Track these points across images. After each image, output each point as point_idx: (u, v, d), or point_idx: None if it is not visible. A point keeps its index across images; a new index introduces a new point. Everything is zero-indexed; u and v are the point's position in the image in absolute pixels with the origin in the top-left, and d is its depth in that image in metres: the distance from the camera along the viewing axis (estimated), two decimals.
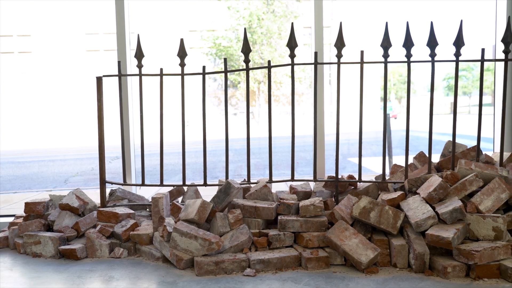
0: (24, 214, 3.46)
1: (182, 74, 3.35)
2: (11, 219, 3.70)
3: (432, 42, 3.07)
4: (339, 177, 3.29)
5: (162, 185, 3.44)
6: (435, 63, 3.07)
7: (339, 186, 3.24)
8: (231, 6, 24.79)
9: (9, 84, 31.63)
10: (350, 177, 3.33)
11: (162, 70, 3.39)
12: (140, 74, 3.35)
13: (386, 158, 3.17)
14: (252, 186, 3.32)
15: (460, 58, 3.05)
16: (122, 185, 3.51)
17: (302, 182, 3.42)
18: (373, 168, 8.16)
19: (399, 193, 2.89)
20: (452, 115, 3.01)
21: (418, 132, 19.80)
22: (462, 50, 3.08)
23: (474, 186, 2.73)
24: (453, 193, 2.72)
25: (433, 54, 3.08)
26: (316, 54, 3.23)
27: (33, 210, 3.25)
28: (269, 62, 3.21)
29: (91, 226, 3.13)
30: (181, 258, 2.61)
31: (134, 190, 4.02)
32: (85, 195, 3.37)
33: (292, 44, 3.17)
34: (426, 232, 2.49)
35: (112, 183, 3.50)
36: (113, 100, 3.82)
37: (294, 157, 3.25)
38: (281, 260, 2.62)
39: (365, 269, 2.53)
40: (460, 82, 38.40)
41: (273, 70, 24.84)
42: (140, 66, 3.36)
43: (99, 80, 3.37)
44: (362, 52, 3.12)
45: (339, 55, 3.15)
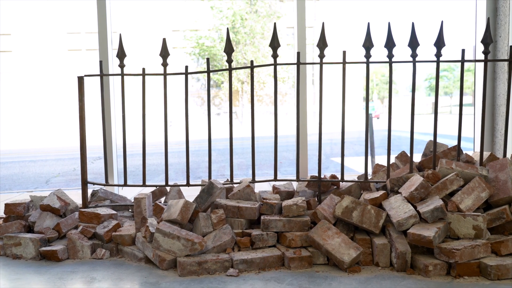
0: (4, 216, 3.42)
1: (165, 74, 3.33)
2: None
3: (413, 43, 3.10)
4: (322, 176, 3.30)
5: (144, 185, 3.42)
6: (417, 64, 3.10)
7: (322, 186, 3.26)
8: (214, 6, 24.74)
9: None
10: (333, 176, 3.34)
11: (144, 70, 3.37)
12: (122, 74, 3.33)
13: (369, 157, 3.20)
14: (235, 186, 3.32)
15: (441, 59, 3.09)
16: (104, 185, 3.48)
17: (285, 182, 3.43)
18: (355, 167, 8.21)
19: (381, 192, 2.92)
20: (433, 115, 3.05)
21: (400, 131, 19.98)
22: (444, 51, 3.12)
23: (455, 185, 2.77)
24: (434, 192, 2.75)
25: (414, 55, 3.11)
26: (298, 54, 3.24)
27: (13, 211, 3.21)
28: (251, 62, 3.21)
29: (73, 227, 3.10)
30: (163, 259, 2.60)
31: (116, 190, 4.00)
32: (66, 196, 3.33)
33: (274, 44, 3.18)
34: (408, 231, 2.51)
35: (94, 184, 3.47)
36: (95, 99, 3.79)
37: (277, 157, 3.26)
38: (264, 260, 2.62)
39: (347, 268, 2.54)
40: (441, 83, 38.82)
41: (256, 70, 24.85)
42: (122, 65, 3.33)
43: (81, 79, 3.34)
44: (344, 52, 3.14)
45: (322, 55, 3.17)
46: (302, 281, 2.44)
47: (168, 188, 3.59)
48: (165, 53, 3.31)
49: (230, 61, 3.24)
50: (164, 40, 3.34)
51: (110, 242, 2.94)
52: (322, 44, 3.15)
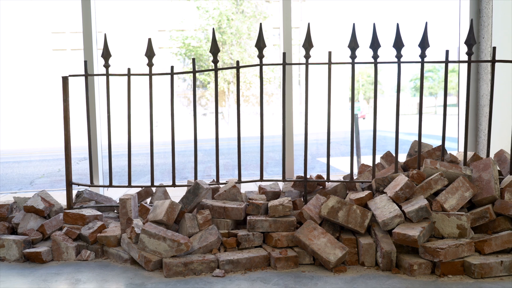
0: None
1: (150, 74, 3.32)
2: None
3: (398, 44, 3.12)
4: (308, 177, 3.31)
5: (130, 186, 3.40)
6: (402, 64, 3.12)
7: (308, 186, 3.27)
8: (200, 6, 24.68)
9: None
10: (319, 177, 3.36)
11: (129, 70, 3.36)
12: (107, 74, 3.31)
13: (354, 158, 3.22)
14: (221, 186, 3.31)
15: (425, 60, 3.11)
16: (89, 186, 3.45)
17: (271, 182, 3.44)
18: (341, 167, 8.24)
19: (367, 192, 2.93)
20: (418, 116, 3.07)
21: (386, 132, 20.10)
22: (428, 52, 3.15)
23: (439, 185, 2.79)
24: (419, 192, 2.78)
25: (399, 55, 3.13)
26: (284, 54, 3.25)
27: None
28: (237, 62, 3.21)
29: (57, 228, 3.07)
30: (149, 260, 2.59)
31: (101, 191, 3.97)
32: (51, 197, 3.30)
33: (260, 44, 3.18)
34: (393, 230, 2.53)
35: (78, 185, 3.44)
36: (80, 100, 3.76)
37: (263, 157, 3.26)
38: (250, 260, 2.62)
39: (333, 268, 2.55)
40: (426, 83, 39.14)
41: (242, 70, 24.86)
42: (107, 65, 3.31)
43: (65, 80, 3.31)
44: (330, 53, 3.15)
45: (307, 56, 3.18)
46: (288, 281, 2.44)
47: (154, 188, 3.57)
48: (150, 53, 3.29)
49: (216, 61, 3.23)
50: (149, 40, 3.32)
51: (95, 244, 2.92)
52: (308, 44, 3.16)
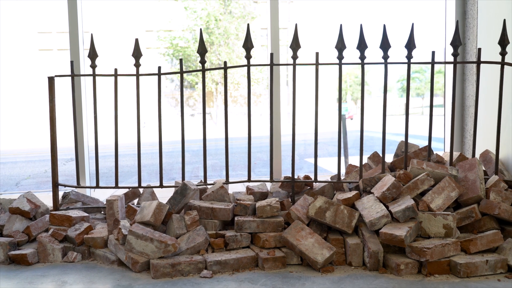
0: None
1: (137, 75, 3.31)
2: None
3: (385, 45, 3.14)
4: (296, 177, 3.32)
5: (117, 187, 3.39)
6: (389, 65, 3.14)
7: (296, 187, 3.27)
8: (188, 6, 24.63)
9: None
10: (306, 177, 3.36)
11: (116, 70, 3.34)
12: (93, 75, 3.29)
13: (342, 158, 3.23)
14: (209, 187, 3.31)
15: (412, 60, 3.14)
16: (76, 187, 3.43)
17: (259, 183, 3.44)
18: (329, 168, 8.27)
19: (354, 192, 2.95)
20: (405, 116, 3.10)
21: (373, 132, 20.19)
22: (415, 52, 3.17)
23: (426, 185, 2.81)
24: (405, 192, 2.79)
25: (386, 56, 3.15)
26: (272, 55, 3.25)
27: None
28: (225, 63, 3.21)
29: (43, 230, 3.05)
30: (136, 261, 2.58)
31: (88, 192, 3.94)
32: (36, 198, 3.28)
33: (248, 45, 3.18)
34: (380, 230, 2.55)
35: (65, 186, 3.41)
36: (67, 100, 3.73)
37: (251, 158, 3.26)
38: (238, 261, 2.62)
39: (321, 268, 2.56)
40: (413, 84, 39.38)
41: (230, 71, 24.85)
42: (93, 66, 3.29)
43: (51, 80, 3.28)
44: (317, 53, 3.16)
45: (295, 57, 3.18)
46: (276, 281, 2.44)
47: (141, 189, 3.56)
48: (137, 53, 3.28)
49: (203, 62, 3.23)
50: (136, 40, 3.31)
51: (82, 245, 2.90)
52: (295, 45, 3.17)
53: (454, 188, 2.80)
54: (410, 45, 3.13)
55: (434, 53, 3.14)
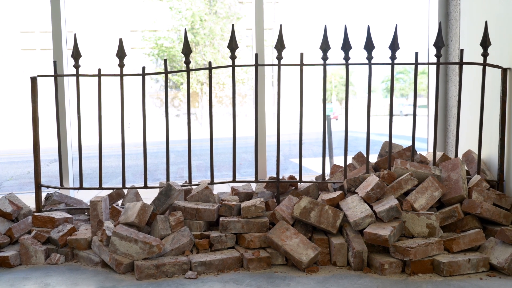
0: None
1: (121, 75, 3.29)
2: None
3: (369, 45, 3.16)
4: (281, 177, 3.32)
5: (101, 188, 3.36)
6: (373, 66, 3.16)
7: (280, 187, 3.28)
8: (173, 6, 24.54)
9: None
10: (291, 177, 3.37)
11: (100, 70, 3.32)
12: (77, 75, 3.26)
13: (327, 158, 3.24)
14: (193, 188, 3.30)
15: (395, 61, 3.16)
16: (59, 188, 3.40)
17: (244, 183, 3.44)
18: (314, 168, 8.30)
19: (339, 193, 2.96)
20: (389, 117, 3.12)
21: (358, 132, 20.29)
22: (399, 53, 3.20)
23: (410, 185, 2.83)
24: (389, 192, 2.81)
25: (370, 57, 3.17)
26: (256, 56, 3.25)
27: None
28: (209, 63, 3.20)
29: (26, 232, 3.01)
30: (120, 263, 2.56)
31: (72, 193, 3.91)
32: (19, 200, 3.24)
33: (233, 45, 3.18)
34: (364, 230, 2.56)
35: (48, 187, 3.38)
36: (50, 101, 3.70)
37: (236, 158, 3.26)
38: (222, 261, 2.62)
39: (306, 268, 2.57)
40: (397, 85, 39.66)
41: (216, 71, 24.81)
42: (77, 66, 3.27)
43: (34, 80, 3.25)
44: (302, 54, 3.17)
45: (280, 57, 3.19)
46: (261, 282, 2.44)
47: (125, 190, 3.53)
48: (121, 53, 3.26)
49: (188, 62, 3.22)
50: (120, 40, 3.29)
51: (65, 247, 2.87)
52: (280, 46, 3.17)
53: (437, 188, 2.82)
54: (394, 46, 3.15)
55: (417, 54, 3.16)
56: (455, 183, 2.90)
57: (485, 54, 3.18)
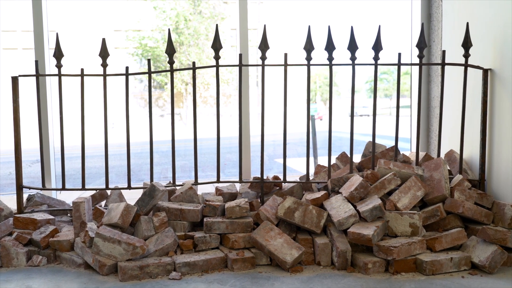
0: None
1: (104, 75, 3.26)
2: None
3: (352, 46, 3.18)
4: (265, 178, 3.33)
5: (84, 189, 3.33)
6: (356, 66, 3.18)
7: (265, 187, 3.28)
8: (157, 6, 24.43)
9: None
10: (275, 178, 3.37)
11: (83, 70, 3.29)
12: (59, 74, 3.23)
13: (311, 158, 3.26)
14: (177, 188, 3.29)
15: (379, 62, 3.18)
16: (41, 189, 3.36)
17: (228, 184, 3.43)
18: (298, 168, 8.32)
19: (323, 192, 2.97)
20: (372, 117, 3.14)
21: (342, 133, 20.40)
22: (383, 54, 3.22)
23: (393, 184, 2.86)
24: (373, 191, 2.83)
25: (353, 58, 3.19)
26: (240, 56, 3.25)
27: None
28: (193, 63, 3.19)
29: (7, 233, 2.97)
30: (104, 264, 2.54)
31: (54, 194, 3.87)
32: (0, 201, 3.19)
33: (217, 46, 3.17)
34: (348, 230, 2.57)
35: (30, 188, 3.34)
36: (32, 101, 3.65)
37: (220, 158, 3.25)
38: (207, 262, 2.61)
39: (290, 268, 2.57)
40: (381, 85, 39.95)
41: (200, 71, 24.75)
42: (59, 66, 3.23)
43: (15, 80, 3.21)
44: (285, 54, 3.18)
45: (264, 57, 3.19)
46: (245, 282, 2.44)
47: (108, 191, 3.51)
48: (104, 53, 3.23)
49: (171, 62, 3.21)
50: (103, 40, 3.26)
51: (47, 249, 2.84)
52: (264, 46, 3.18)
53: (420, 187, 2.85)
54: (377, 46, 3.17)
55: (400, 54, 3.19)
56: (438, 183, 2.93)
57: (466, 55, 3.22)
